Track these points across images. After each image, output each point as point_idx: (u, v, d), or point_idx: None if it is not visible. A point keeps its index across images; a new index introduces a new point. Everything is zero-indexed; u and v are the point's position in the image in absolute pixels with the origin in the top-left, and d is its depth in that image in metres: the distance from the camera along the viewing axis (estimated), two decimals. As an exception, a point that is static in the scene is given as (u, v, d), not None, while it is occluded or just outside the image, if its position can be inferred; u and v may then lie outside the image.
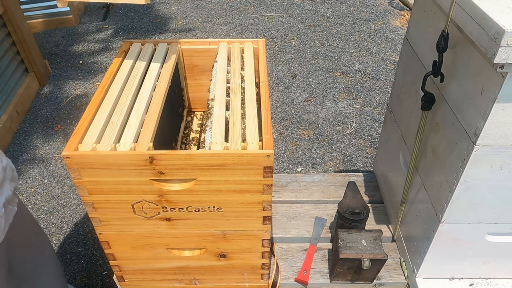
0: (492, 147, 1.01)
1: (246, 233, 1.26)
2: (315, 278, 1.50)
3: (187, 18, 4.21)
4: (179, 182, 1.11)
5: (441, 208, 1.18)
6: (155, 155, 1.03)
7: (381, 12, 4.22)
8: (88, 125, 1.12)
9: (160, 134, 1.22)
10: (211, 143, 1.08)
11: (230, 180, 1.10)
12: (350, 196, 1.54)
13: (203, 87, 1.69)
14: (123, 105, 1.20)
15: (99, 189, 1.11)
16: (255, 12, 4.31)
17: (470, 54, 1.00)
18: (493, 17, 0.84)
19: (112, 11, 4.40)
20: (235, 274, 1.42)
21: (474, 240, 1.26)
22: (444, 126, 1.17)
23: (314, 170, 2.42)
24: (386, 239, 1.62)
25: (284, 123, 2.80)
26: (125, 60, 1.40)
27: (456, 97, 1.10)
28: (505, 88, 0.90)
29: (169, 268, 1.38)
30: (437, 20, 1.19)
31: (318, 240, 1.62)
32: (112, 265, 1.36)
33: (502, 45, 0.82)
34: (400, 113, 1.56)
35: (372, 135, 2.67)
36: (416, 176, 1.37)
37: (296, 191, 1.84)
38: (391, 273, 1.51)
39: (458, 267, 1.37)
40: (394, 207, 1.60)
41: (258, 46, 1.52)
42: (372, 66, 3.37)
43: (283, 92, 3.09)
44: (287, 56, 3.54)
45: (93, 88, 3.28)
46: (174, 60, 1.44)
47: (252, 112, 1.19)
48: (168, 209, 1.17)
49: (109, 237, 1.26)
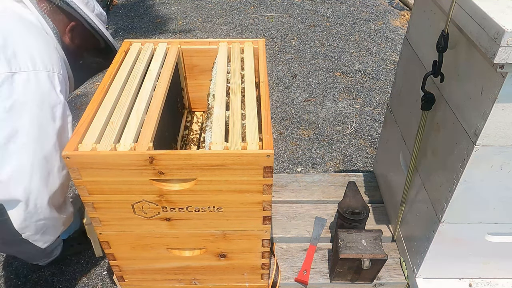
0: (492, 147, 1.01)
1: (246, 233, 1.26)
2: (315, 278, 1.51)
3: (187, 18, 4.21)
4: (179, 182, 1.11)
5: (441, 208, 1.18)
6: (155, 155, 1.03)
7: (381, 12, 4.21)
8: (88, 125, 1.12)
9: (160, 134, 1.22)
10: (211, 143, 1.08)
11: (230, 180, 1.10)
12: (350, 196, 1.54)
13: (203, 87, 1.69)
14: (123, 105, 1.20)
15: (99, 189, 1.11)
16: (255, 12, 4.30)
17: (470, 54, 1.00)
18: (493, 17, 0.84)
19: (112, 11, 4.40)
20: (235, 274, 1.42)
21: (474, 240, 1.26)
22: (444, 126, 1.17)
23: (314, 170, 2.42)
24: (386, 239, 1.62)
25: (284, 123, 2.79)
26: (125, 60, 1.40)
27: (456, 97, 1.10)
28: (505, 88, 0.90)
29: (169, 268, 1.38)
30: (437, 20, 1.19)
31: (318, 240, 1.62)
32: (112, 265, 1.36)
33: (502, 45, 0.82)
34: (400, 113, 1.56)
35: (372, 135, 2.67)
36: (416, 176, 1.37)
37: (296, 191, 1.84)
38: (391, 273, 1.51)
39: (458, 267, 1.37)
40: (394, 207, 1.60)
41: (258, 46, 1.52)
42: (372, 66, 3.37)
43: (283, 92, 3.09)
44: (287, 56, 3.54)
45: (93, 88, 3.27)
46: (174, 60, 1.44)
47: (252, 112, 1.19)
48: (168, 209, 1.17)
49: (109, 237, 1.26)
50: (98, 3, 1.51)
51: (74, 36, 1.44)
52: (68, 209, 1.44)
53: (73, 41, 1.44)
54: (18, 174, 1.20)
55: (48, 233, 1.37)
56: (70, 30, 1.41)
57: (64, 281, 1.81)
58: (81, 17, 1.40)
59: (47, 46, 1.30)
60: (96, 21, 1.45)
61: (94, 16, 1.45)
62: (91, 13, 1.43)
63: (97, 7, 1.49)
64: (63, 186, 1.33)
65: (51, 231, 1.38)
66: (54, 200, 1.31)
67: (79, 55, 1.53)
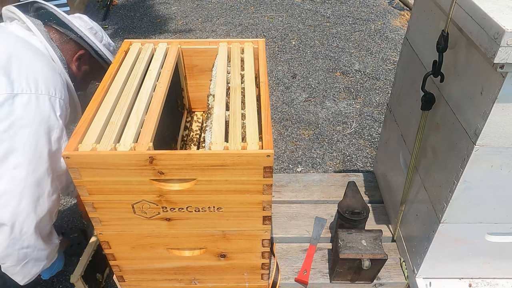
0: (492, 147, 1.01)
1: (246, 233, 1.26)
2: (315, 278, 1.50)
3: (187, 18, 4.21)
4: (179, 182, 1.11)
5: (441, 208, 1.18)
6: (155, 155, 1.03)
7: (381, 12, 4.22)
8: (88, 125, 1.12)
9: (160, 134, 1.22)
10: (211, 143, 1.08)
11: (230, 180, 1.09)
12: (350, 196, 1.54)
13: (203, 87, 1.69)
14: (123, 105, 1.20)
15: (99, 189, 1.11)
16: (255, 12, 4.31)
17: (470, 54, 1.00)
18: (493, 17, 0.84)
19: (112, 11, 4.40)
20: (235, 274, 1.42)
21: (474, 240, 1.26)
22: (444, 126, 1.17)
23: (314, 170, 2.42)
24: (386, 239, 1.62)
25: (284, 123, 2.79)
26: (125, 60, 1.40)
27: (456, 97, 1.10)
28: (505, 88, 0.90)
29: (169, 268, 1.38)
30: (437, 20, 1.19)
31: (318, 240, 1.62)
32: (112, 265, 1.36)
33: (502, 45, 0.82)
34: (400, 113, 1.56)
35: (372, 135, 2.67)
36: (416, 176, 1.37)
37: (296, 191, 1.84)
38: (391, 273, 1.51)
39: (458, 267, 1.36)
40: (394, 207, 1.60)
41: (258, 46, 1.52)
42: (372, 66, 3.37)
43: (283, 92, 3.09)
44: (287, 56, 3.54)
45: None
46: (174, 60, 1.44)
47: (252, 112, 1.19)
48: (168, 209, 1.17)
49: (109, 237, 1.26)
50: (106, 35, 1.55)
51: (81, 65, 1.46)
52: (54, 241, 1.38)
53: (80, 69, 1.47)
54: (7, 195, 1.16)
55: (29, 266, 1.30)
56: (77, 58, 1.44)
57: (64, 281, 1.81)
58: (89, 47, 1.44)
59: (52, 71, 1.31)
60: (104, 51, 1.48)
61: (102, 46, 1.48)
62: (99, 43, 1.46)
63: (105, 38, 1.53)
64: (51, 213, 1.29)
65: (32, 265, 1.31)
66: (41, 226, 1.26)
67: (86, 83, 1.54)
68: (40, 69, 1.27)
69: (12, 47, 1.27)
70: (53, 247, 1.37)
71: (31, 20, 1.35)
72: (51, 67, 1.32)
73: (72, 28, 1.40)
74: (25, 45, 1.30)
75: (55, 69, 1.33)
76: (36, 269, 1.34)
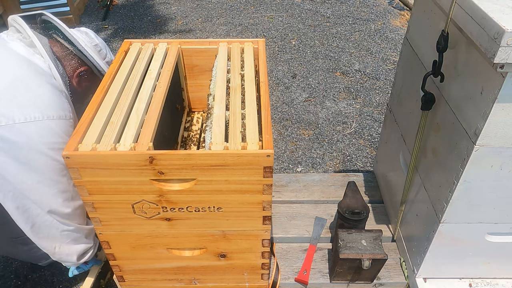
0: (492, 147, 1.01)
1: (246, 233, 1.26)
2: (315, 278, 1.51)
3: (187, 18, 4.21)
4: (179, 182, 1.11)
5: (441, 208, 1.18)
6: (155, 155, 1.03)
7: (381, 12, 4.21)
8: (88, 125, 1.12)
9: (160, 134, 1.22)
10: (211, 143, 1.08)
11: (230, 180, 1.09)
12: (350, 196, 1.54)
13: (203, 87, 1.69)
14: (123, 105, 1.20)
15: (99, 189, 1.11)
16: (255, 12, 4.30)
17: (470, 54, 1.00)
18: (493, 17, 0.84)
19: (112, 11, 4.40)
20: (235, 274, 1.42)
21: (474, 240, 1.26)
22: (444, 126, 1.17)
23: (314, 170, 2.42)
24: (386, 239, 1.62)
25: (284, 123, 2.79)
26: (125, 60, 1.40)
27: (456, 97, 1.10)
28: (505, 88, 0.90)
29: (169, 268, 1.38)
30: (437, 20, 1.19)
31: (318, 240, 1.62)
32: (112, 265, 1.36)
33: (502, 45, 0.82)
34: (400, 113, 1.56)
35: (372, 135, 2.67)
36: (416, 176, 1.37)
37: (296, 191, 1.84)
38: (391, 273, 1.51)
39: (458, 267, 1.36)
40: (394, 207, 1.60)
41: (258, 46, 1.52)
42: (372, 66, 3.37)
43: (283, 92, 3.09)
44: (287, 56, 3.54)
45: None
46: (174, 60, 1.44)
47: (252, 112, 1.19)
48: (168, 209, 1.17)
49: (109, 237, 1.26)
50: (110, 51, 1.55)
51: (82, 81, 1.46)
52: (89, 223, 1.46)
53: (81, 84, 1.47)
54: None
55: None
56: (78, 74, 1.44)
57: (64, 281, 1.81)
58: (92, 64, 1.44)
59: (53, 92, 1.29)
60: (106, 69, 1.48)
61: (105, 64, 1.48)
62: (101, 60, 1.47)
63: (109, 55, 1.53)
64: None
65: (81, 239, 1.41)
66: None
67: (85, 97, 1.54)
68: (41, 93, 1.25)
69: (13, 68, 1.26)
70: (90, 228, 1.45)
71: (36, 36, 1.33)
72: (52, 87, 1.30)
73: (77, 46, 1.40)
74: (27, 64, 1.29)
75: (56, 87, 1.31)
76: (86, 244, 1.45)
